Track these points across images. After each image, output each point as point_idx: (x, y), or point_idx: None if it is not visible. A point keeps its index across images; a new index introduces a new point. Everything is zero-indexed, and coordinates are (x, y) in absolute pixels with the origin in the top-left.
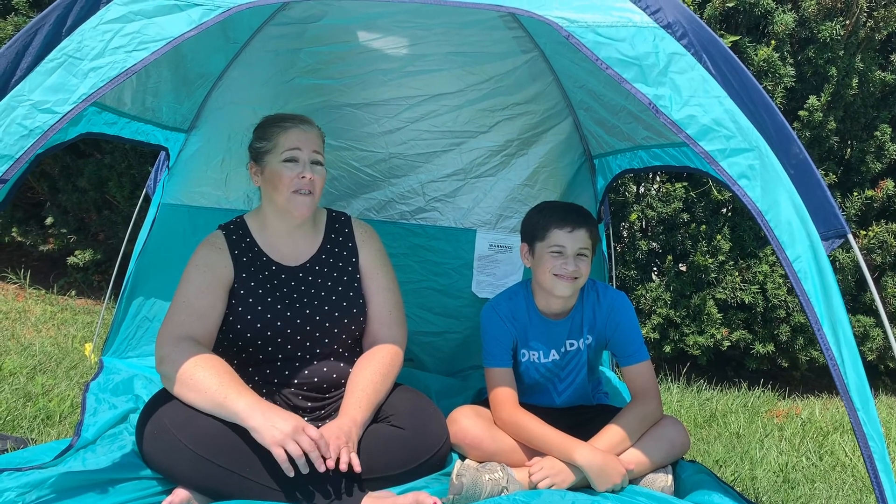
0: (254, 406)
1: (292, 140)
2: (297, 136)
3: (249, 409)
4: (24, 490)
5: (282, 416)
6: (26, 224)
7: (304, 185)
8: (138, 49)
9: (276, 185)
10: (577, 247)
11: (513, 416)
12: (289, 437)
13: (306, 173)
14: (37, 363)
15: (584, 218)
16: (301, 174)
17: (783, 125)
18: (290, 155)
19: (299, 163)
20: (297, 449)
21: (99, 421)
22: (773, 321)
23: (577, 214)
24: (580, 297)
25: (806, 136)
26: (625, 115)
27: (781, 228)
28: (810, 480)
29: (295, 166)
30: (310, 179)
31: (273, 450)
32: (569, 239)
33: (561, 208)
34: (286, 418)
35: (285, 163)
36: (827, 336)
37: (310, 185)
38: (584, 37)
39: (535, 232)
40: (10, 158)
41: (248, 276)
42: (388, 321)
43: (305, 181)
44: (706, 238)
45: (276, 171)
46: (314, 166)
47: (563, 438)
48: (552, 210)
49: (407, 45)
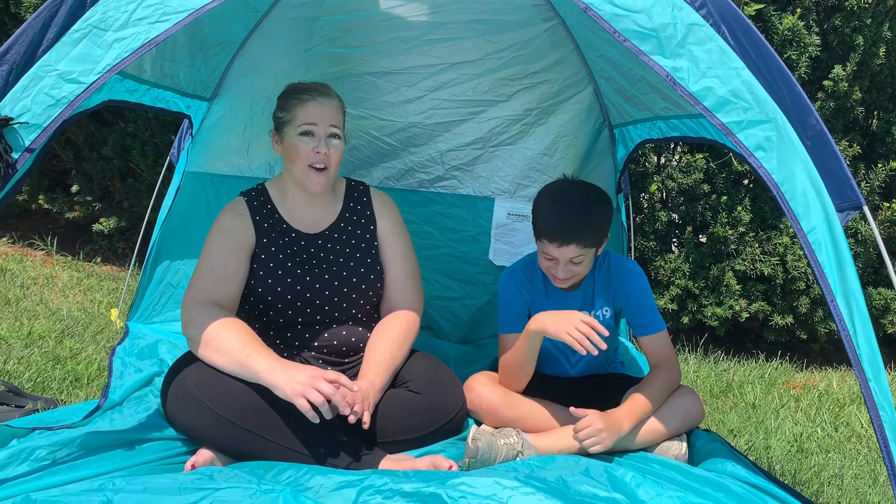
0: (273, 364)
1: (309, 114)
2: (315, 109)
3: (269, 367)
4: (54, 448)
5: (300, 368)
6: (52, 192)
7: (319, 159)
8: (161, 20)
9: (293, 157)
10: (568, 258)
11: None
12: (309, 386)
13: (321, 148)
14: (65, 327)
15: (575, 232)
16: (316, 149)
17: (800, 96)
18: (307, 129)
19: (315, 137)
20: (318, 396)
21: (125, 383)
22: (792, 293)
23: (566, 229)
24: (592, 269)
25: (830, 107)
26: (643, 86)
27: (797, 200)
28: (824, 450)
29: (311, 140)
30: (325, 154)
31: (296, 401)
32: (558, 252)
33: (554, 218)
34: (304, 369)
35: (301, 136)
36: (840, 307)
37: (325, 159)
38: (602, 8)
39: (534, 226)
40: (38, 127)
41: (269, 242)
42: (404, 288)
43: (320, 156)
44: (726, 209)
45: (293, 144)
46: (331, 140)
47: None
48: (547, 218)
49: (427, 13)
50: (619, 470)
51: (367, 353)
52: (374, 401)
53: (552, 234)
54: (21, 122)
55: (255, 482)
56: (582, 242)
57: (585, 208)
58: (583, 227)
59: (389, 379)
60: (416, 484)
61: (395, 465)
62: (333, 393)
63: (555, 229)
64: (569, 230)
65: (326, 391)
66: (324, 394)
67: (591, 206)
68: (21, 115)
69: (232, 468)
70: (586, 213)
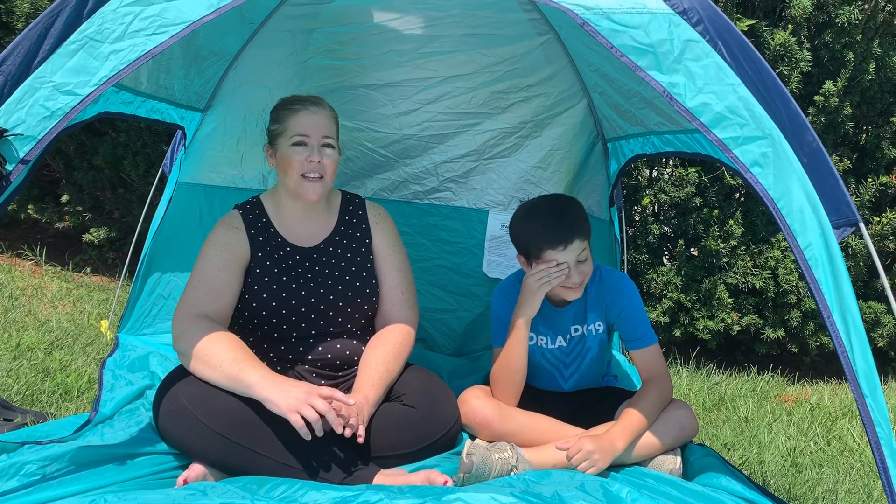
0: (267, 378)
1: (301, 124)
2: (306, 119)
3: (263, 382)
4: (44, 463)
5: (294, 384)
6: (42, 201)
7: (313, 168)
8: (158, 32)
9: (286, 168)
10: (575, 257)
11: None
12: (303, 402)
13: (314, 157)
14: (54, 339)
15: (571, 227)
16: (309, 158)
17: (797, 113)
18: (299, 139)
19: (307, 147)
20: (313, 413)
21: (116, 397)
22: (783, 306)
23: (563, 227)
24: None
25: (821, 122)
26: (637, 101)
27: (793, 216)
28: (818, 465)
29: (303, 150)
30: (318, 163)
31: (290, 417)
32: (565, 254)
33: (548, 225)
34: (298, 385)
35: (294, 146)
36: (837, 324)
37: (318, 168)
38: (600, 24)
39: (528, 250)
40: (32, 139)
41: (264, 256)
42: (400, 301)
43: (314, 164)
44: (718, 223)
45: (286, 155)
46: (324, 149)
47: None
48: (541, 229)
49: (422, 26)
50: (615, 485)
51: (361, 367)
52: (369, 415)
53: (553, 239)
54: (16, 134)
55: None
56: (581, 234)
57: (563, 205)
58: (574, 220)
59: (384, 393)
60: (412, 500)
61: (390, 480)
62: (328, 410)
63: (553, 233)
64: (566, 227)
65: (321, 408)
66: (318, 410)
67: (566, 203)
68: (16, 127)
69: (225, 483)
70: (566, 209)
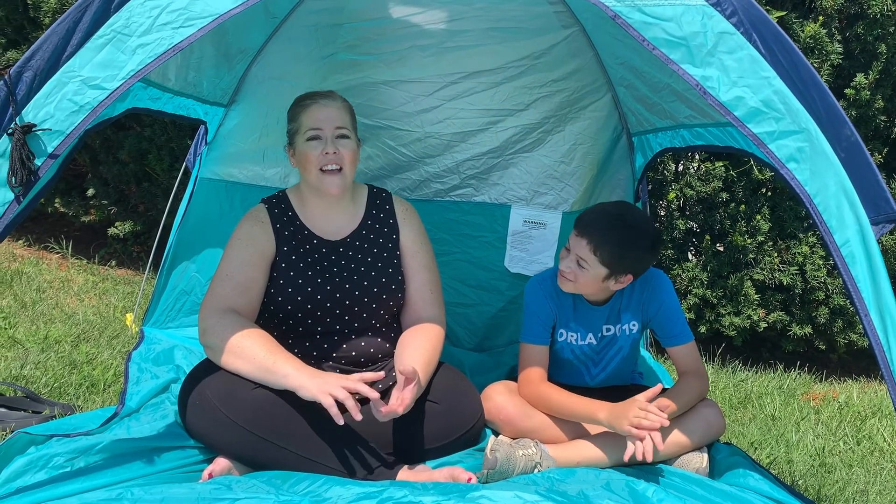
0: (300, 369)
1: (313, 118)
2: (318, 113)
3: (296, 372)
4: (72, 455)
5: (327, 374)
6: (68, 195)
7: (330, 160)
8: (185, 25)
9: (305, 164)
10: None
11: (538, 389)
12: (335, 385)
13: (329, 148)
14: (80, 332)
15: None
16: (325, 150)
17: (834, 106)
18: (313, 133)
19: (322, 140)
20: (343, 392)
21: (142, 390)
22: (811, 303)
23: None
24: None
25: (852, 115)
26: (667, 94)
27: (830, 212)
28: (847, 465)
29: (318, 144)
30: (335, 153)
31: (322, 399)
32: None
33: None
34: (332, 375)
35: (309, 142)
36: (874, 323)
37: (336, 159)
38: (631, 17)
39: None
40: (61, 134)
41: (290, 250)
42: (429, 300)
43: (330, 156)
44: (745, 218)
45: (303, 152)
46: (339, 140)
47: (585, 402)
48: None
49: (446, 20)
50: (641, 484)
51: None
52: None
53: (578, 220)
54: (44, 129)
55: (274, 492)
56: (594, 244)
57: (618, 222)
58: (607, 231)
59: (425, 383)
60: (436, 496)
61: (414, 476)
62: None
63: (582, 218)
64: (591, 225)
65: (352, 386)
66: (350, 388)
67: (624, 226)
68: (44, 122)
69: (249, 478)
70: (614, 226)
